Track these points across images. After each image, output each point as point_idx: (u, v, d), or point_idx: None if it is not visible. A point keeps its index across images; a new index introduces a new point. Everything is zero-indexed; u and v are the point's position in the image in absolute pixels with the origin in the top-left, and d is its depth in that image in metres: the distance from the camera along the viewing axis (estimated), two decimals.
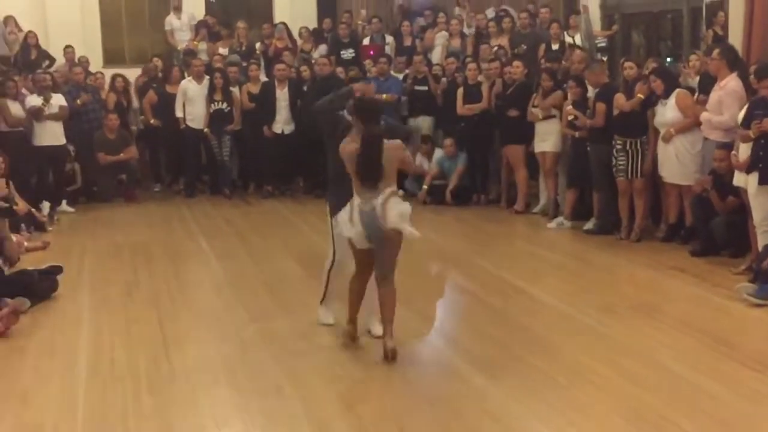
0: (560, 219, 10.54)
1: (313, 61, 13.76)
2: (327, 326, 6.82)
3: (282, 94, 13.05)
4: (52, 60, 14.72)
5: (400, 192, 6.27)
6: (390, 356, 6.01)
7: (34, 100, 12.05)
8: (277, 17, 16.38)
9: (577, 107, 10.12)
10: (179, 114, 13.29)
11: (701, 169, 9.04)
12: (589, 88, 10.20)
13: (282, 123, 13.05)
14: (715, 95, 8.82)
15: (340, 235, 6.29)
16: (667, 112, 9.21)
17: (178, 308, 7.59)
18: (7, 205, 9.88)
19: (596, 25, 13.34)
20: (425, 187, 12.32)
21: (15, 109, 11.88)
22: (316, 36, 15.43)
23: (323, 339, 6.59)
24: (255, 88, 13.38)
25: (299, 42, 15.24)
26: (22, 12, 15.02)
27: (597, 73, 10.06)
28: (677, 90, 9.26)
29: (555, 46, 12.70)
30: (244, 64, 13.93)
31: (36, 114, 11.95)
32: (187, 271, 9.04)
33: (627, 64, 10.13)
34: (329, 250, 6.73)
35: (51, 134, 12.13)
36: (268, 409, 5.33)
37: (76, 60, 14.31)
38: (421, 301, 7.57)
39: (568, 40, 12.84)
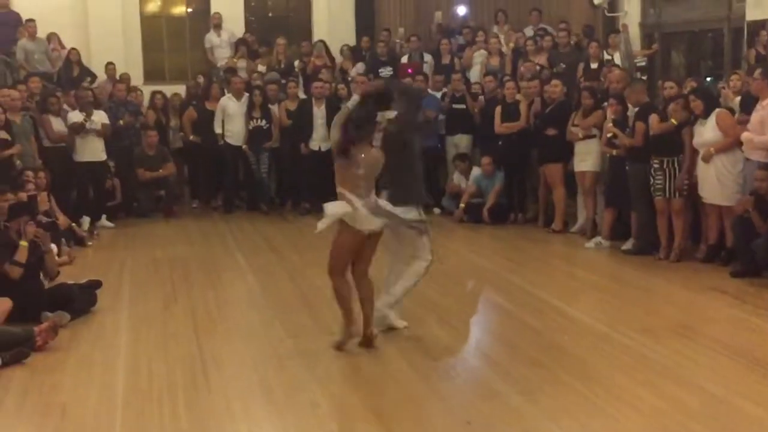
0: (598, 239, 10.46)
1: (350, 79, 13.83)
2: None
3: (319, 112, 13.10)
4: (94, 77, 14.90)
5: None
6: (371, 344, 6.60)
7: (75, 116, 12.22)
8: (316, 35, 16.45)
9: (617, 126, 10.06)
10: (218, 130, 13.39)
11: (742, 189, 8.95)
12: (630, 107, 10.14)
13: (319, 140, 13.08)
14: (757, 115, 8.73)
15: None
16: (707, 132, 9.13)
17: (216, 323, 7.61)
18: (50, 219, 9.99)
19: (636, 44, 13.27)
20: (462, 205, 12.29)
21: (57, 124, 12.05)
22: (354, 54, 15.50)
23: (360, 358, 6.57)
24: (293, 105, 13.46)
25: (339, 60, 15.31)
26: (65, 29, 15.21)
27: (637, 91, 9.99)
28: (718, 110, 9.18)
29: (594, 65, 12.66)
30: (283, 81, 14.01)
31: (77, 130, 12.10)
32: (224, 287, 9.07)
33: (667, 83, 10.07)
34: (424, 251, 6.96)
35: (92, 150, 12.30)
36: (304, 426, 5.32)
37: (117, 77, 14.47)
38: (457, 319, 7.53)
39: (608, 58, 12.78)
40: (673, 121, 9.29)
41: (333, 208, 6.53)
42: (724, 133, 9.01)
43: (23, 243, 7.84)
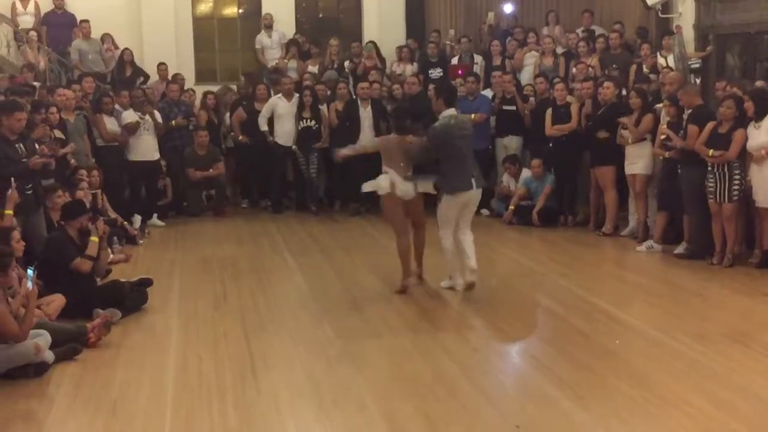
0: (650, 242, 10.34)
1: (402, 79, 13.84)
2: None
3: (365, 113, 13.11)
4: (146, 77, 15.05)
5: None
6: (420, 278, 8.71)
7: (130, 116, 12.34)
8: (366, 36, 16.47)
9: (671, 128, 9.94)
10: (264, 128, 13.43)
11: None
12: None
13: (366, 141, 13.07)
14: None
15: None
16: (762, 136, 8.98)
17: (265, 323, 7.63)
18: (111, 216, 10.13)
19: (689, 46, 13.09)
20: (512, 207, 12.22)
21: (110, 124, 12.19)
22: (408, 53, 15.47)
23: (407, 359, 6.57)
24: (342, 106, 13.48)
25: (393, 61, 15.32)
26: (119, 30, 15.36)
27: (691, 94, 9.88)
28: None
29: (647, 68, 12.52)
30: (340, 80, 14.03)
31: (133, 129, 12.23)
32: (273, 287, 9.10)
33: (718, 84, 9.92)
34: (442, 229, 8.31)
35: (145, 150, 12.44)
36: (352, 427, 5.32)
37: (170, 77, 14.61)
38: (506, 322, 7.49)
39: (661, 61, 12.64)
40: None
41: (376, 183, 8.54)
42: None
43: (94, 239, 8.12)
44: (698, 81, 12.37)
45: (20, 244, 7.32)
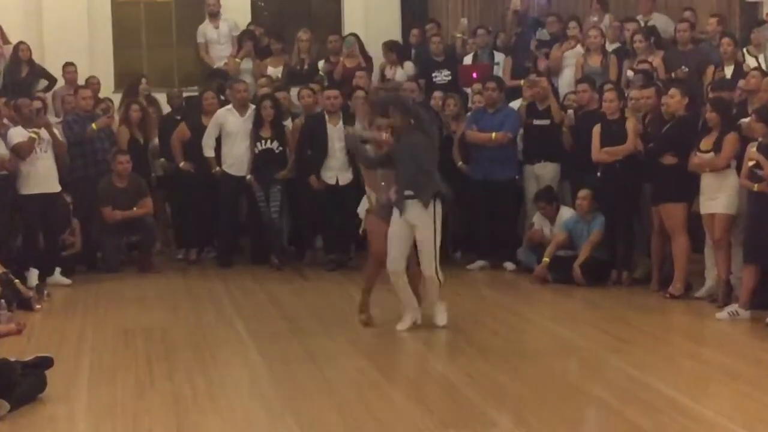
0: (734, 307, 10.36)
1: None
2: None
3: (335, 131, 13.13)
4: (52, 80, 15.09)
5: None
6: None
7: (18, 134, 12.24)
8: (348, 28, 16.56)
9: (762, 151, 9.98)
10: (209, 153, 13.47)
11: None
12: None
13: (336, 170, 13.06)
14: None
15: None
16: None
17: (206, 417, 7.58)
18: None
19: None
20: (546, 259, 12.26)
21: None
22: (398, 50, 15.49)
23: None
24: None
25: (381, 62, 15.39)
26: (12, 19, 15.42)
27: None
28: None
29: (728, 69, 12.60)
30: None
31: (25, 151, 12.15)
32: (218, 368, 9.06)
33: None
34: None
35: (43, 179, 12.36)
36: None
37: (80, 81, 14.61)
38: (540, 416, 7.45)
39: (749, 61, 12.73)
40: None
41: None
42: None
43: None
44: None
45: None
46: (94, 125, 13.19)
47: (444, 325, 9.92)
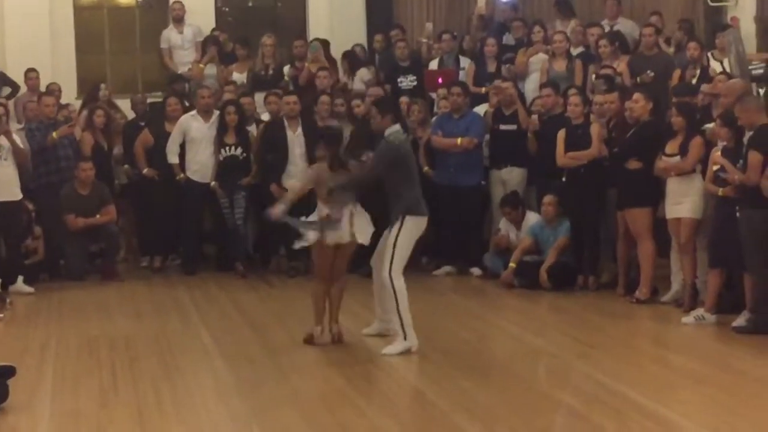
0: (700, 311, 10.40)
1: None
2: None
3: (295, 138, 13.15)
4: (15, 87, 15.03)
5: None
6: (338, 339, 9.68)
7: None
8: (313, 33, 16.55)
9: (726, 156, 10.03)
10: (173, 160, 13.46)
11: None
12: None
13: (297, 176, 13.03)
14: None
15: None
16: None
17: (171, 426, 7.57)
18: None
19: (750, 44, 13.28)
20: (512, 264, 12.28)
21: None
22: (352, 59, 15.52)
23: None
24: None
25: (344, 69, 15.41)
26: None
27: (752, 110, 9.97)
28: None
29: (693, 74, 12.66)
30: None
31: None
32: (183, 376, 9.02)
33: None
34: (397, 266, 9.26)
35: (3, 187, 12.29)
36: None
37: (42, 88, 14.55)
38: (507, 425, 7.46)
39: (713, 65, 12.79)
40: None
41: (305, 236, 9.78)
42: None
43: None
44: (762, 92, 12.50)
45: None
46: (54, 134, 13.11)
47: (385, 354, 9.30)
